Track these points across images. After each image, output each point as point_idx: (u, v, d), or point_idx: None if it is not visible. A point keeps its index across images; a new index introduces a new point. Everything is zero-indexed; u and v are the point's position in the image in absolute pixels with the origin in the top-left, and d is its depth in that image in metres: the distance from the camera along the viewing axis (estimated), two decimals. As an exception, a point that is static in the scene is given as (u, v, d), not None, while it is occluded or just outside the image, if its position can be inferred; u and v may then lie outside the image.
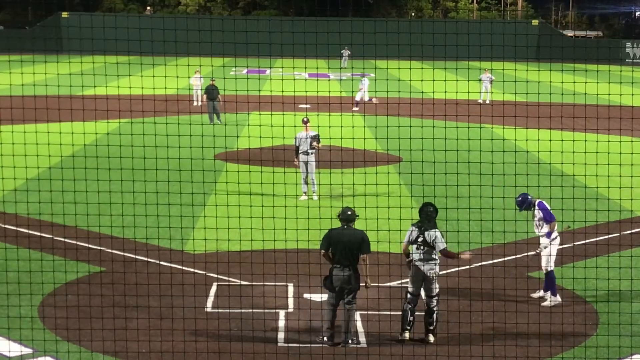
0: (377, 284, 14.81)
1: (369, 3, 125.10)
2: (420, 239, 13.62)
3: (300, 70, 63.49)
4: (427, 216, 13.76)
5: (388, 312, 14.47)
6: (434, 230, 13.66)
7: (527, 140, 22.08)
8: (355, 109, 42.52)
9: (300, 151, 24.23)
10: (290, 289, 15.95)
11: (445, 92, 18.53)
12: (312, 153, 24.19)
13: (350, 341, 13.41)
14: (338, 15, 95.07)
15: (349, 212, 13.70)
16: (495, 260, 17.97)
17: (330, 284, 13.48)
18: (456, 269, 17.08)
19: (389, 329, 13.87)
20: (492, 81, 51.01)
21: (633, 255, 17.95)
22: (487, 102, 48.74)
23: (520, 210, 16.27)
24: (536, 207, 15.99)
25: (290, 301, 15.39)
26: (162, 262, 17.37)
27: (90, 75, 20.32)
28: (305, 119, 24.50)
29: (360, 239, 13.48)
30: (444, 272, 15.87)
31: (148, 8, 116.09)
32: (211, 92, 39.18)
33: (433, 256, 13.65)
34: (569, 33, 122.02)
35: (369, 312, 14.79)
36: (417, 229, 13.72)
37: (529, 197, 16.04)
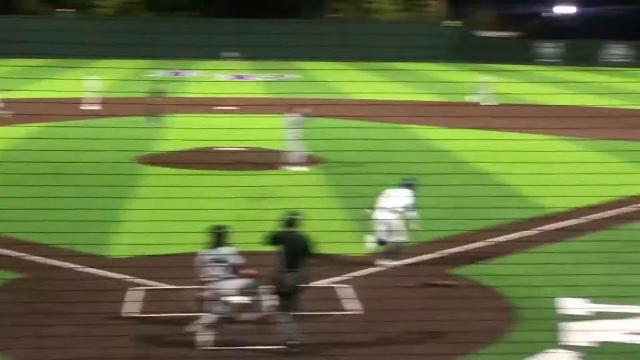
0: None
1: (290, 6, 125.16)
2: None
3: (221, 72, 63.25)
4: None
5: (318, 313, 14.55)
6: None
7: (445, 139, 22.42)
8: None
9: None
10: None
11: (366, 92, 18.70)
12: None
13: (291, 342, 13.42)
14: (259, 16, 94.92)
15: (294, 217, 13.74)
16: (417, 258, 18.18)
17: (278, 288, 13.44)
18: (380, 268, 17.25)
19: (318, 329, 13.93)
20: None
21: (549, 251, 18.38)
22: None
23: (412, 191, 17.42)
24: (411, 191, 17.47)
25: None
26: (81, 268, 17.14)
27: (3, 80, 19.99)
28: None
29: (307, 243, 13.57)
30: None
31: (63, 9, 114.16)
32: (153, 93, 38.68)
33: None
34: (484, 33, 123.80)
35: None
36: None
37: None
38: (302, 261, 13.49)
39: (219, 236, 13.94)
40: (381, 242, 17.47)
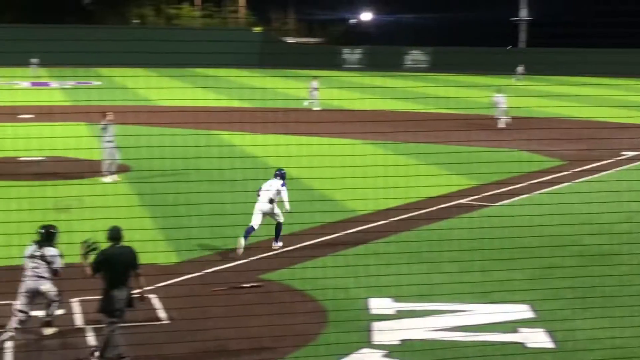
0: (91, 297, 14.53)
1: (90, 10, 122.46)
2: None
3: (22, 79, 61.06)
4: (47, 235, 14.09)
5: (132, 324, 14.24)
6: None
7: (253, 145, 22.49)
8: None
9: None
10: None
11: (172, 99, 18.51)
12: None
13: (115, 356, 13.07)
14: (61, 22, 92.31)
15: (117, 230, 13.34)
16: (227, 265, 18.15)
17: (111, 306, 12.96)
18: (188, 276, 17.10)
19: (129, 340, 13.64)
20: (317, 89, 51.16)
21: (357, 253, 18.75)
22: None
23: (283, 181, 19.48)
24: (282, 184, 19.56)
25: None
26: None
27: None
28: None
29: (134, 255, 13.21)
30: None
31: None
32: None
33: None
34: (290, 40, 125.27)
35: (101, 326, 14.46)
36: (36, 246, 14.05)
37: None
38: (130, 275, 13.14)
39: (47, 235, 13.69)
40: (249, 230, 19.06)
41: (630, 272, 17.29)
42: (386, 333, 14.42)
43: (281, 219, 19.77)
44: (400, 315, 15.44)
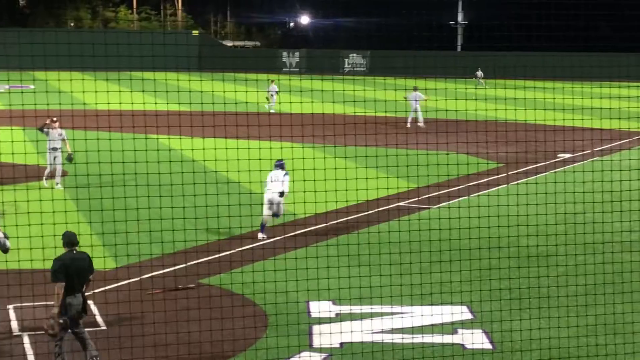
0: (44, 303, 14.33)
1: (24, 13, 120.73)
2: None
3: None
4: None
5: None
6: None
7: (192, 149, 22.32)
8: None
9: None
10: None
11: (109, 103, 18.30)
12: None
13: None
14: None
15: (73, 235, 13.07)
16: (166, 270, 18.01)
17: (66, 314, 12.63)
18: (125, 282, 16.93)
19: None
20: (277, 92, 51.80)
21: (297, 257, 18.74)
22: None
23: (285, 171, 21.15)
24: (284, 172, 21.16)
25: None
26: None
27: None
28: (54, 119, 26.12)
29: (89, 261, 12.99)
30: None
31: None
32: None
33: None
34: (229, 43, 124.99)
35: (38, 333, 14.26)
36: None
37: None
38: (85, 281, 12.92)
39: None
40: (276, 215, 21.32)
41: (566, 273, 17.54)
42: (326, 336, 14.43)
43: (282, 211, 21.38)
44: (340, 318, 15.46)
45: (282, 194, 21.11)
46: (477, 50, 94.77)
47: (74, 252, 13.00)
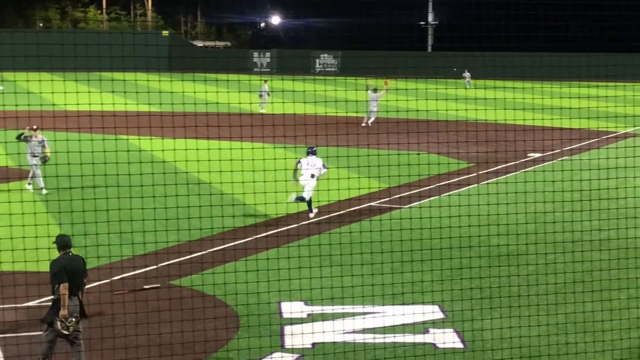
0: (14, 305, 14.22)
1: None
2: None
3: None
4: None
5: (27, 334, 13.94)
6: None
7: (163, 150, 22.24)
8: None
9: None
10: None
11: (78, 104, 18.19)
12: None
13: None
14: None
15: (67, 238, 12.90)
16: (137, 272, 17.93)
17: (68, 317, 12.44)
18: (96, 283, 16.84)
19: (28, 351, 13.35)
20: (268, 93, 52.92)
21: (268, 257, 18.72)
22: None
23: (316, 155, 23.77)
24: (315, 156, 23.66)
25: None
26: None
27: None
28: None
29: (84, 264, 12.85)
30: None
31: None
32: None
33: None
34: (199, 43, 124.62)
35: (7, 335, 14.16)
36: None
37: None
38: (81, 284, 12.75)
39: None
40: (301, 199, 23.25)
41: (536, 272, 17.63)
42: (298, 337, 14.41)
43: (311, 194, 23.34)
44: (312, 318, 15.46)
45: (313, 176, 23.29)
46: (447, 51, 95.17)
47: (70, 254, 12.82)
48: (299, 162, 23.65)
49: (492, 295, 16.06)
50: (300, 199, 23.30)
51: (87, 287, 13.21)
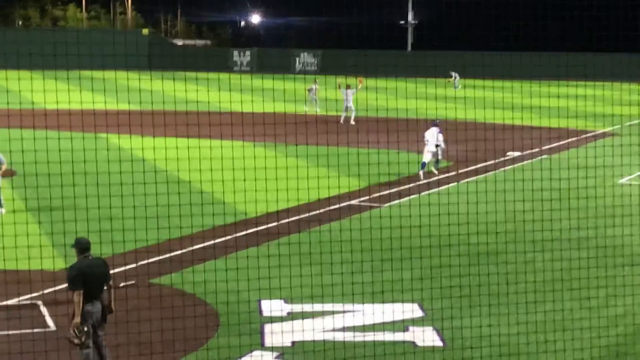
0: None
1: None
2: None
3: None
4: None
5: (6, 333, 13.88)
6: None
7: (142, 148, 22.19)
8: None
9: None
10: None
11: (58, 102, 18.13)
12: None
13: None
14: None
15: (87, 241, 12.64)
16: (116, 270, 17.87)
17: (84, 323, 12.25)
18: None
19: (7, 350, 13.30)
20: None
21: (248, 256, 18.71)
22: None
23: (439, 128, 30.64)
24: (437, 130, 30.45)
25: None
26: None
27: None
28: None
29: (106, 266, 12.65)
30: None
31: None
32: None
33: None
34: (179, 42, 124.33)
35: (-14, 335, 14.10)
36: None
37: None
38: (103, 288, 12.57)
39: None
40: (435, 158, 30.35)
41: (515, 270, 17.72)
42: (278, 335, 14.43)
43: (440, 156, 30.67)
44: (292, 316, 15.48)
45: (437, 146, 30.17)
46: (428, 50, 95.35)
47: (89, 258, 12.60)
48: (424, 135, 30.52)
49: (471, 294, 16.13)
50: (423, 164, 29.79)
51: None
